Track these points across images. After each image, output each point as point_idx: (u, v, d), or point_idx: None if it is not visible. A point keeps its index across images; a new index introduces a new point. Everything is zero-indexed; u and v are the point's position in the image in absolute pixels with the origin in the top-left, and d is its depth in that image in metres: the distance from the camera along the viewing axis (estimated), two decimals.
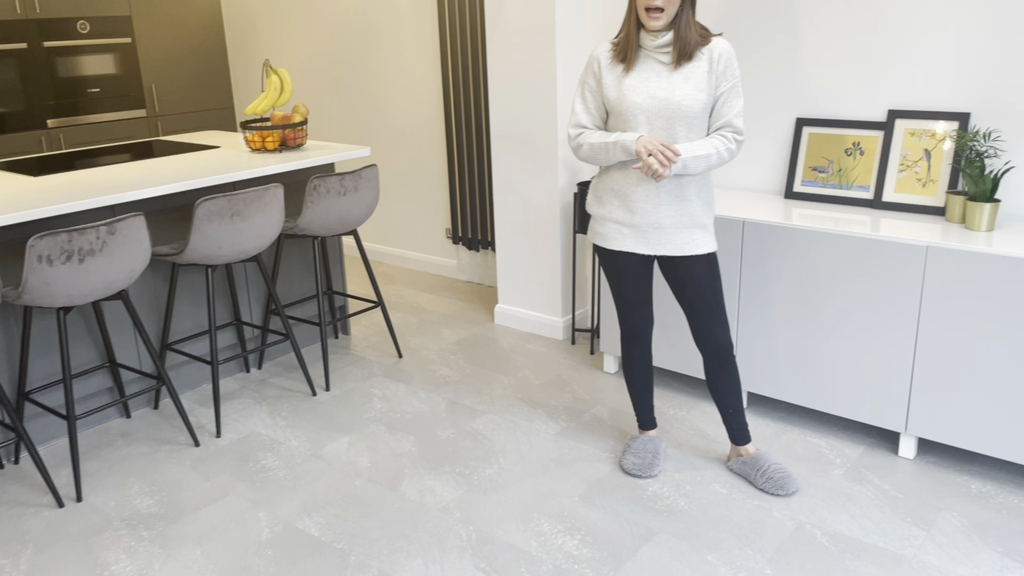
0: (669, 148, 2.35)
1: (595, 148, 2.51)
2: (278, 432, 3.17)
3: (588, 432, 3.09)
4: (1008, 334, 2.52)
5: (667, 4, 2.34)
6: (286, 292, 3.82)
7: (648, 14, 2.36)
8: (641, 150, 2.38)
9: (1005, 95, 2.78)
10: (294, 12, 5.30)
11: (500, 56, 3.78)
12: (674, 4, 2.35)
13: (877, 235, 2.72)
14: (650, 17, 2.36)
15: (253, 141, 3.64)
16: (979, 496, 2.61)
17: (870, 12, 2.98)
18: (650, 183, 2.48)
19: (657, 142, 2.36)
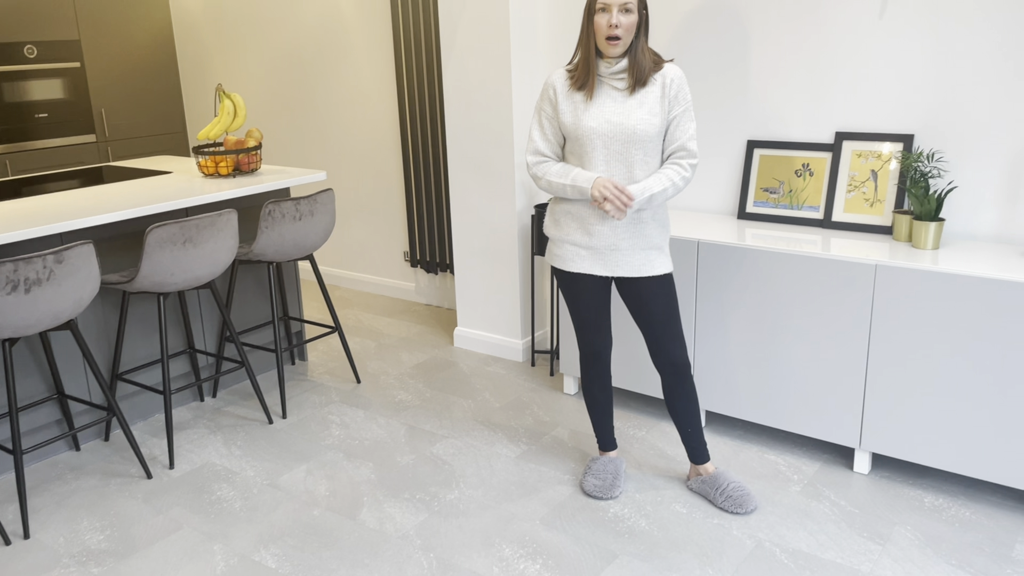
0: (624, 192, 2.40)
1: (552, 185, 2.56)
2: (233, 462, 3.11)
3: (549, 454, 3.08)
4: (955, 350, 2.58)
5: (624, 33, 2.39)
6: (241, 318, 3.77)
7: (608, 42, 2.40)
8: (596, 196, 2.44)
9: (946, 118, 2.87)
10: (247, 36, 5.27)
11: (455, 80, 3.80)
12: (630, 32, 2.41)
13: (828, 254, 2.77)
14: (610, 45, 2.41)
15: (206, 166, 3.60)
16: (932, 510, 2.66)
17: (817, 38, 3.06)
18: None
19: (612, 186, 2.41)
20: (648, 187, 2.46)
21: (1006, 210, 2.83)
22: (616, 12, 2.38)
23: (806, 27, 3.07)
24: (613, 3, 2.38)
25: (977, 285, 2.51)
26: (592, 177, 2.46)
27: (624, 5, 2.38)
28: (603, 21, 2.39)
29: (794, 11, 3.08)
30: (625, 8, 2.38)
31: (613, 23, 2.38)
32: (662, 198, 2.49)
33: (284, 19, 5.04)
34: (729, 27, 3.24)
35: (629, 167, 2.48)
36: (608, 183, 2.42)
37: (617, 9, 2.38)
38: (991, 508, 2.66)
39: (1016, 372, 2.49)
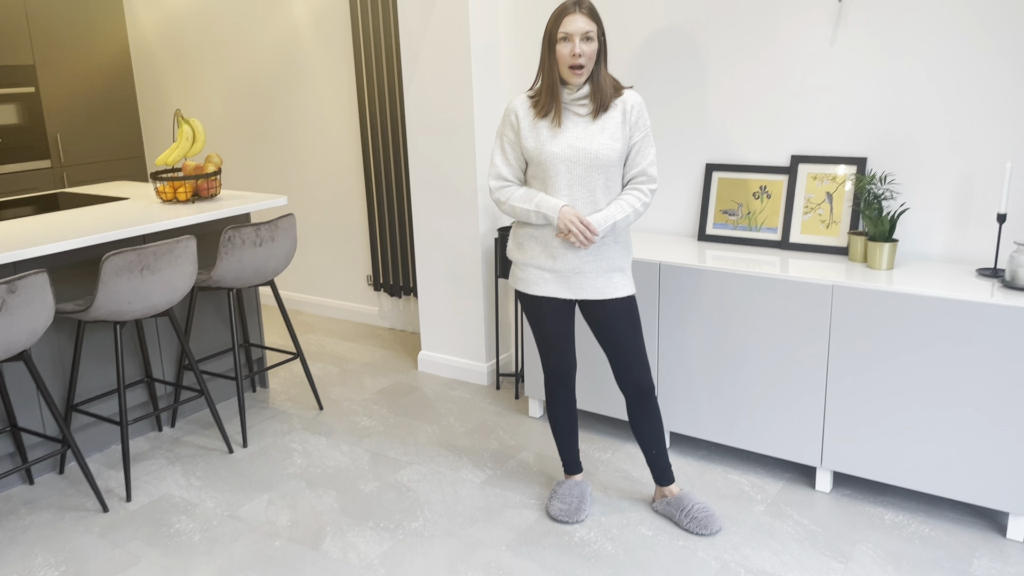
0: (588, 227, 2.45)
1: (516, 210, 2.58)
2: (192, 493, 3.05)
3: (514, 479, 3.07)
4: (910, 368, 2.63)
5: (587, 61, 2.43)
6: (200, 346, 3.71)
7: (572, 71, 2.43)
8: (562, 228, 2.48)
9: (897, 141, 2.94)
10: (206, 61, 5.24)
11: (417, 104, 3.81)
12: (592, 60, 2.44)
13: (786, 275, 2.81)
14: (574, 74, 2.43)
15: (164, 192, 3.55)
16: (892, 527, 2.69)
17: (771, 64, 3.12)
18: None
19: (577, 220, 2.45)
20: (611, 215, 2.50)
21: (956, 230, 2.89)
22: (579, 41, 2.41)
23: (761, 54, 3.13)
24: (575, 32, 2.41)
25: (931, 304, 2.56)
26: (557, 205, 2.48)
27: (586, 34, 2.41)
28: (566, 51, 2.42)
29: (749, 38, 3.15)
30: (587, 37, 2.41)
31: (576, 52, 2.41)
32: (624, 224, 2.53)
33: (243, 44, 5.02)
34: (686, 54, 3.30)
35: (591, 191, 2.51)
36: (573, 216, 2.45)
37: (579, 38, 2.41)
38: (950, 524, 2.70)
39: (970, 389, 2.55)
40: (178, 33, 5.33)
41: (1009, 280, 2.59)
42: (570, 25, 2.41)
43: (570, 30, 2.41)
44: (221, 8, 5.06)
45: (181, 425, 3.62)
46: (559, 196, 2.52)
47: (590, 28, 2.42)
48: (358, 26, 4.40)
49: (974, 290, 2.57)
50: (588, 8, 2.44)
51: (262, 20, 4.90)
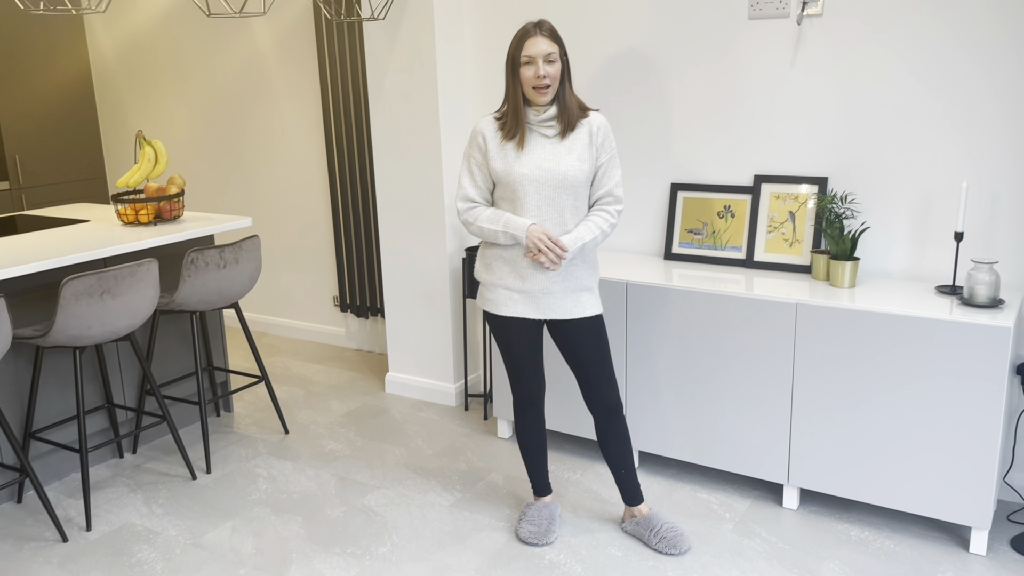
0: (558, 245, 2.46)
1: (484, 231, 2.58)
2: (154, 521, 2.98)
3: (483, 501, 3.05)
4: (873, 384, 2.66)
5: (553, 81, 2.45)
6: (163, 371, 3.65)
7: (537, 91, 2.45)
8: (531, 247, 2.48)
9: (857, 161, 2.99)
10: (168, 81, 5.19)
11: (384, 124, 3.80)
12: (556, 80, 2.46)
13: (751, 294, 2.84)
14: (540, 93, 2.45)
15: (125, 214, 3.50)
16: (859, 543, 2.71)
17: (733, 86, 3.16)
18: None
19: (546, 238, 2.46)
20: (580, 236, 2.51)
21: (915, 248, 2.95)
22: (542, 63, 2.43)
23: (722, 76, 3.18)
24: (538, 55, 2.43)
25: (892, 322, 2.60)
26: (525, 224, 2.49)
27: (548, 56, 2.43)
28: (530, 73, 2.45)
29: (711, 61, 3.19)
30: (549, 59, 2.44)
31: (540, 74, 2.43)
32: (593, 246, 2.55)
33: (206, 64, 4.98)
34: (649, 76, 3.33)
35: (560, 212, 2.52)
36: (542, 234, 2.46)
37: (542, 60, 2.43)
38: (914, 539, 2.72)
39: (931, 405, 2.58)
40: (140, 54, 5.28)
41: (967, 297, 2.64)
42: (532, 48, 2.44)
43: (532, 53, 2.43)
44: (182, 29, 5.02)
45: (143, 451, 3.55)
46: (528, 217, 2.52)
47: (552, 49, 2.44)
48: (323, 47, 4.39)
49: (934, 307, 2.62)
50: (549, 30, 2.47)
51: (224, 41, 4.87)
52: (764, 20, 3.06)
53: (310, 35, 4.52)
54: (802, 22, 2.99)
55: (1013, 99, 2.71)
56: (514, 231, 2.50)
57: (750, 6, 3.07)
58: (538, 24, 2.47)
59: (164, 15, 5.09)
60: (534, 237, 2.47)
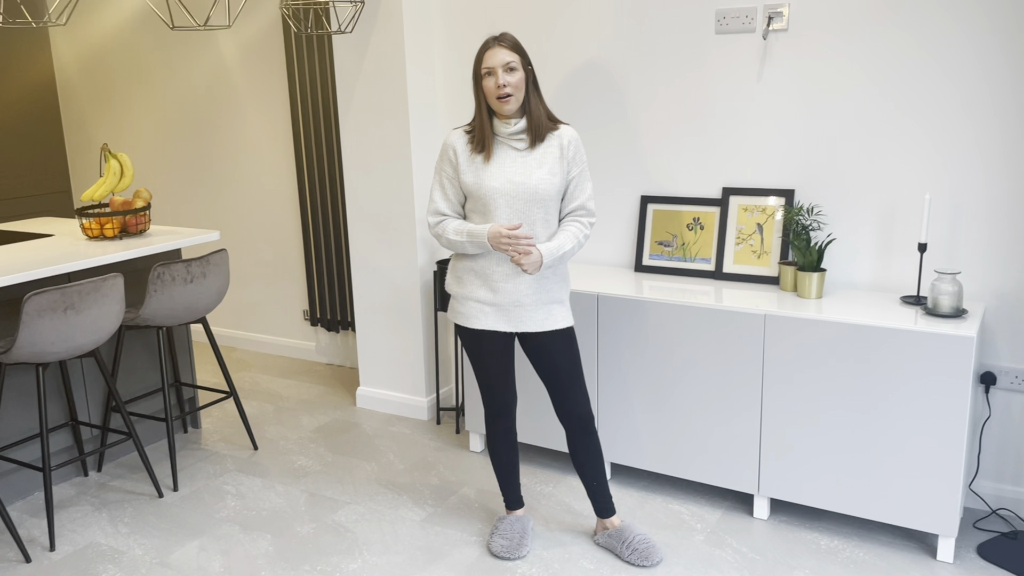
0: (522, 237, 2.43)
1: (453, 243, 2.58)
2: (120, 540, 2.93)
3: (455, 516, 3.03)
4: (841, 394, 2.69)
5: (515, 90, 2.46)
6: (129, 387, 3.59)
7: (500, 101, 2.46)
8: (496, 247, 2.47)
9: (823, 173, 3.03)
10: (133, 94, 5.13)
11: (354, 137, 3.79)
12: (520, 89, 2.47)
13: (720, 305, 2.86)
14: (503, 103, 2.46)
15: (90, 228, 3.45)
16: (828, 552, 2.73)
17: (701, 100, 3.20)
18: (508, 263, 2.54)
19: (505, 230, 2.44)
20: (561, 245, 2.52)
21: (881, 259, 2.99)
22: (501, 73, 2.45)
23: (691, 90, 3.21)
24: (497, 65, 2.45)
25: (859, 332, 2.63)
26: (486, 229, 2.49)
27: (507, 65, 2.45)
28: (490, 84, 2.46)
29: (679, 74, 3.22)
30: (509, 68, 2.45)
31: (500, 83, 2.44)
32: (570, 255, 2.57)
33: (172, 77, 4.94)
34: (619, 89, 3.36)
35: (531, 225, 2.53)
36: (501, 230, 2.45)
37: (502, 70, 2.45)
38: (883, 548, 2.75)
39: (897, 414, 2.61)
40: (104, 66, 5.22)
41: (931, 307, 2.68)
42: (491, 59, 2.46)
43: (492, 63, 2.45)
44: (147, 41, 4.97)
45: (108, 469, 3.49)
46: None
47: (511, 58, 2.45)
48: (292, 60, 4.37)
49: (899, 317, 2.65)
50: (509, 41, 2.49)
51: (191, 53, 4.83)
52: (731, 35, 3.10)
53: (278, 48, 4.50)
54: (768, 37, 3.03)
55: (974, 113, 2.76)
56: (478, 238, 2.50)
57: (717, 21, 3.10)
58: (498, 36, 2.50)
59: (128, 27, 5.04)
60: (495, 239, 2.46)
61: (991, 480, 2.95)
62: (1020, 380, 2.83)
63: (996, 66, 2.70)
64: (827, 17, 2.92)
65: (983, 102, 2.74)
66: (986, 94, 2.73)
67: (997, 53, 2.69)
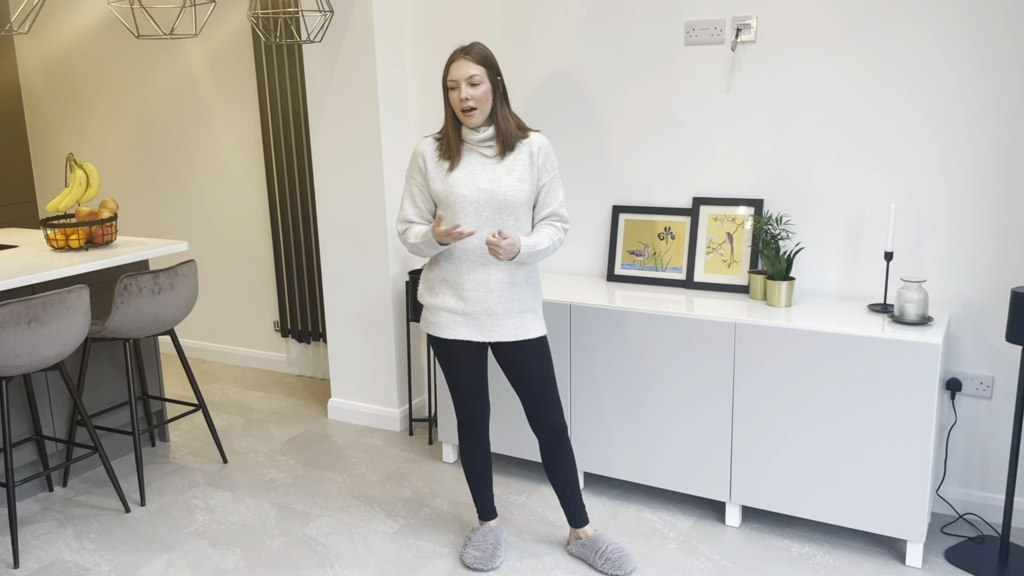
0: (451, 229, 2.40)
1: (415, 248, 2.58)
2: (86, 557, 2.87)
3: (428, 527, 3.01)
4: (810, 401, 2.71)
5: (479, 103, 2.46)
6: (95, 400, 3.53)
7: (464, 114, 2.46)
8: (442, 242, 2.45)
9: (791, 183, 3.07)
10: (100, 103, 5.07)
11: (324, 146, 3.77)
12: (487, 101, 2.47)
13: (691, 314, 2.87)
14: (467, 116, 2.46)
15: (55, 239, 3.40)
16: (799, 558, 2.75)
17: (671, 110, 3.22)
18: (481, 272, 2.53)
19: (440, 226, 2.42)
20: (538, 243, 2.52)
21: (848, 268, 3.03)
22: (465, 86, 2.45)
23: (661, 101, 3.24)
24: (460, 78, 2.46)
25: (827, 339, 2.66)
26: (424, 231, 2.51)
27: (470, 78, 2.45)
28: (455, 97, 2.47)
29: (650, 85, 3.24)
30: (471, 82, 2.45)
31: (464, 97, 2.45)
32: (544, 256, 2.55)
33: (139, 86, 4.88)
34: (590, 100, 3.37)
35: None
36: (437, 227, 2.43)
37: (465, 83, 2.45)
38: (852, 554, 2.77)
39: (865, 420, 2.64)
40: (70, 74, 5.15)
41: (898, 315, 2.72)
42: (455, 72, 2.46)
43: (456, 77, 2.46)
44: (113, 50, 4.92)
45: (74, 484, 3.42)
46: (469, 239, 2.52)
47: (475, 72, 2.45)
48: (262, 69, 4.34)
49: (866, 325, 2.69)
50: (475, 54, 2.48)
51: (158, 62, 4.78)
52: (700, 46, 3.13)
53: (247, 57, 4.47)
54: (736, 48, 3.07)
55: (938, 124, 2.81)
56: (426, 237, 2.51)
57: (686, 33, 3.13)
58: (465, 48, 2.50)
59: (94, 36, 4.98)
60: (438, 236, 2.43)
61: (958, 485, 2.99)
62: (985, 386, 2.88)
63: (958, 79, 2.75)
64: (794, 30, 2.96)
65: (946, 113, 2.79)
66: (948, 106, 2.78)
67: (959, 67, 2.74)
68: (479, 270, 2.54)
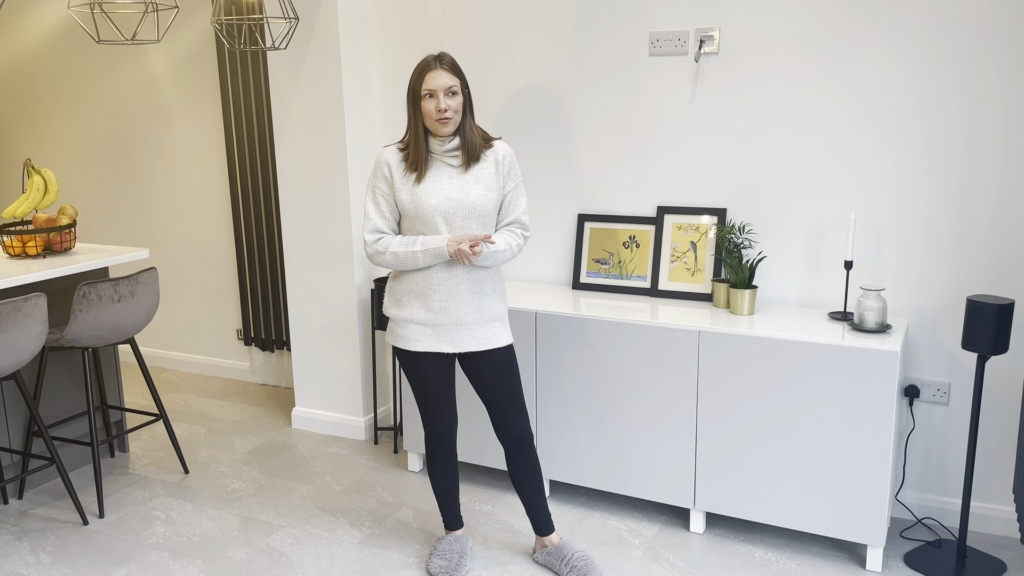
0: (477, 237, 2.44)
1: (400, 257, 2.52)
2: (42, 571, 2.81)
3: (393, 537, 2.99)
4: (771, 408, 2.75)
5: (456, 113, 2.46)
6: (52, 410, 3.46)
7: (439, 123, 2.45)
8: (453, 252, 2.45)
9: (753, 193, 3.11)
10: (58, 108, 4.98)
11: (289, 154, 3.74)
12: (458, 112, 2.47)
13: (656, 322, 2.90)
14: (441, 125, 2.45)
15: (12, 247, 3.33)
16: (762, 564, 2.78)
17: (635, 120, 3.25)
18: (449, 283, 2.52)
19: (465, 236, 2.45)
20: (496, 246, 2.52)
21: (809, 277, 3.07)
22: (443, 96, 2.44)
23: (625, 111, 3.26)
24: (439, 88, 2.44)
25: (788, 347, 2.69)
26: (443, 239, 2.48)
27: (449, 89, 2.45)
28: (431, 106, 2.45)
29: (614, 95, 3.27)
30: (451, 92, 2.45)
31: (442, 107, 2.43)
32: (502, 258, 2.55)
33: (98, 91, 4.81)
34: (555, 109, 3.39)
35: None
36: (459, 236, 2.46)
37: (443, 93, 2.44)
38: (814, 559, 2.81)
39: (825, 427, 2.68)
40: (27, 78, 5.06)
41: (858, 323, 2.76)
42: (433, 81, 2.44)
43: (434, 86, 2.44)
44: (73, 53, 4.84)
45: (29, 496, 3.35)
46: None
47: (453, 83, 2.45)
48: (226, 76, 4.30)
49: (826, 333, 2.73)
50: (449, 63, 2.48)
51: (119, 67, 4.71)
52: (664, 57, 3.16)
53: (211, 63, 4.42)
54: (700, 59, 3.10)
55: (896, 135, 2.87)
56: (434, 247, 2.48)
57: (651, 44, 3.17)
58: (438, 57, 2.48)
59: (53, 39, 4.90)
60: (454, 242, 2.45)
61: (916, 490, 3.05)
62: (942, 393, 2.94)
63: (917, 93, 2.81)
64: (756, 42, 3.01)
65: (904, 126, 2.85)
66: (906, 119, 2.84)
67: (917, 82, 2.81)
68: (447, 281, 2.53)
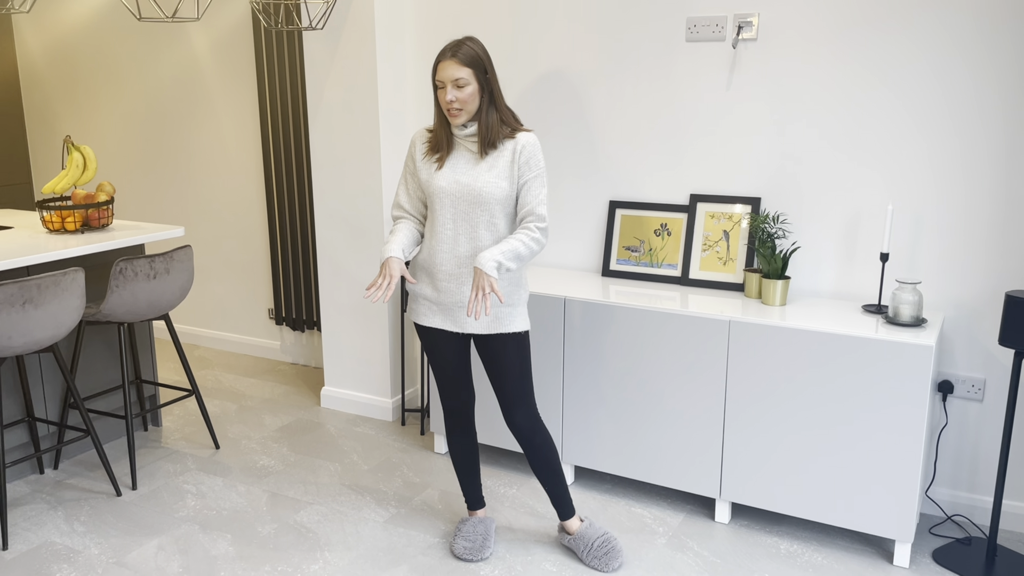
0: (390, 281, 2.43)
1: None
2: (76, 539, 2.87)
3: (419, 517, 3.02)
4: (801, 400, 2.72)
5: (464, 104, 2.44)
6: (88, 383, 3.53)
7: (449, 114, 2.46)
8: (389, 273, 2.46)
9: (789, 182, 3.07)
10: (99, 87, 5.05)
11: (323, 134, 3.76)
12: (472, 101, 2.45)
13: (686, 311, 2.88)
14: (451, 116, 2.47)
15: (51, 222, 3.39)
16: (787, 556, 2.77)
17: (671, 106, 3.22)
18: (450, 263, 2.53)
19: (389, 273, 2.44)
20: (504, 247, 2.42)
21: (843, 268, 3.03)
22: (450, 88, 2.43)
23: (660, 97, 3.24)
24: (446, 80, 2.44)
25: (821, 339, 2.67)
26: (387, 253, 2.49)
27: (456, 81, 2.43)
28: (441, 97, 2.47)
29: (649, 81, 3.24)
30: (458, 84, 2.43)
31: (449, 99, 2.44)
32: (526, 257, 2.46)
33: (139, 70, 4.87)
34: (588, 94, 3.37)
35: (474, 227, 2.51)
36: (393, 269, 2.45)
37: (451, 85, 2.43)
38: (840, 552, 2.79)
39: (857, 420, 2.65)
40: (70, 56, 5.13)
41: (892, 316, 2.72)
42: (442, 73, 2.44)
43: (442, 78, 2.44)
44: (115, 32, 4.90)
45: (65, 467, 3.42)
46: (443, 230, 2.51)
47: (461, 75, 2.42)
48: (262, 55, 4.33)
49: (860, 325, 2.69)
50: (463, 54, 2.43)
51: (159, 45, 4.76)
52: (701, 43, 3.13)
53: (248, 42, 4.45)
54: (737, 46, 3.07)
55: (934, 126, 2.82)
56: (385, 248, 2.52)
57: (687, 29, 3.13)
58: (455, 46, 2.44)
59: (95, 17, 4.96)
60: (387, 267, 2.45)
61: (947, 487, 3.01)
62: (976, 389, 2.89)
63: (960, 83, 2.76)
64: (795, 29, 2.96)
65: (946, 117, 2.80)
66: (948, 109, 2.79)
67: (961, 70, 2.75)
68: (451, 260, 2.53)
